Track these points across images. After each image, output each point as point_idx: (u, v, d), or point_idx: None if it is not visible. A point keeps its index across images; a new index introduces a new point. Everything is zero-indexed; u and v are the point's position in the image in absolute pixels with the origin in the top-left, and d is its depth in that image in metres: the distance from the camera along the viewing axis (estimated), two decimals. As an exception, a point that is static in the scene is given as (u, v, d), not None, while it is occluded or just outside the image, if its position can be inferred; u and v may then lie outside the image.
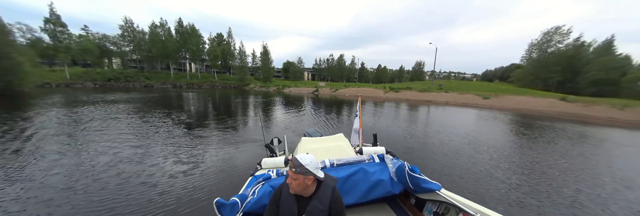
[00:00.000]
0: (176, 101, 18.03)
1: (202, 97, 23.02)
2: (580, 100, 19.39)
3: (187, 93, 26.30)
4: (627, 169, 5.37)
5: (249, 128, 8.63)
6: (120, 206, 3.12)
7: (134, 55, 44.02)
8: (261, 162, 2.47)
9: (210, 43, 49.14)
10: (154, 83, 40.48)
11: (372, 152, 2.49)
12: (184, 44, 44.17)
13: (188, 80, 44.96)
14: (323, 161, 2.08)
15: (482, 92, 24.77)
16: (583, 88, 31.82)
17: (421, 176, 1.86)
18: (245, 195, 1.69)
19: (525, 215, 3.28)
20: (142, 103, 15.33)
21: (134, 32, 40.97)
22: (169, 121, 9.36)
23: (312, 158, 1.33)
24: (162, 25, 43.88)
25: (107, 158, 5.00)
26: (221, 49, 48.57)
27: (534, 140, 8.08)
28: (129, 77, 39.10)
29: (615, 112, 16.61)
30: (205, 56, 48.83)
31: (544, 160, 5.75)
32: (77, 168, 4.39)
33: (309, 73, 76.05)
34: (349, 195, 1.92)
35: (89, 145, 5.86)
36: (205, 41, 49.40)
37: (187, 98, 20.57)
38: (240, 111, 13.47)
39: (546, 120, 13.57)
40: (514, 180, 4.44)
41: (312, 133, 4.17)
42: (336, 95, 32.88)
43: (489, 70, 79.41)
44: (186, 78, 45.76)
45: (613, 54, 33.27)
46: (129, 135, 6.99)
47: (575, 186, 4.27)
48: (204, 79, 47.02)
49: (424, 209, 1.96)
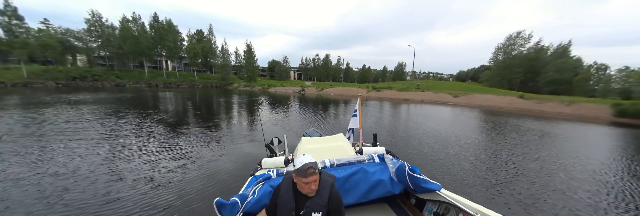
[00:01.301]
0: (152, 101, 16.60)
1: (181, 97, 21.59)
2: (535, 98, 21.78)
3: (164, 93, 24.56)
4: (543, 151, 6.71)
5: (234, 131, 8.06)
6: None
7: (102, 51, 40.73)
8: (261, 162, 2.46)
9: (189, 40, 46.97)
10: (126, 83, 37.71)
11: (372, 152, 2.48)
12: (160, 40, 41.70)
13: (165, 79, 42.46)
14: (323, 161, 2.07)
15: (454, 91, 26.86)
16: (542, 87, 35.46)
17: (421, 176, 1.85)
18: (245, 195, 1.68)
19: (500, 194, 3.86)
20: (111, 104, 13.84)
21: (103, 27, 37.85)
22: (143, 123, 8.30)
23: (313, 158, 1.36)
24: (135, 20, 41.10)
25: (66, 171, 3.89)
26: (201, 46, 46.60)
27: (488, 130, 9.77)
28: (97, 76, 36.10)
29: (563, 108, 18.95)
30: (183, 54, 46.60)
31: (492, 143, 7.42)
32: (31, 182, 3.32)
33: (296, 73, 75.54)
34: (349, 195, 1.91)
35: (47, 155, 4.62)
36: (183, 38, 47.11)
37: (164, 99, 19.14)
38: (224, 111, 12.70)
39: (504, 115, 15.39)
40: (466, 155, 6.02)
41: (311, 134, 4.13)
42: (322, 94, 33.31)
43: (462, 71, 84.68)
44: (163, 76, 43.16)
45: (568, 56, 37.45)
46: (95, 142, 5.83)
47: (504, 157, 5.94)
48: (182, 78, 44.68)
49: (424, 209, 1.96)
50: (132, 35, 38.32)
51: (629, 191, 4.24)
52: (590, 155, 6.55)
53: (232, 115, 11.84)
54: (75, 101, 14.69)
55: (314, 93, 33.96)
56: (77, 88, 27.68)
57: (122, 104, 14.03)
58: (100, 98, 17.28)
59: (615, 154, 6.77)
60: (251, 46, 49.82)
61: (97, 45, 39.13)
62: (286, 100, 21.97)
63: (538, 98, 21.72)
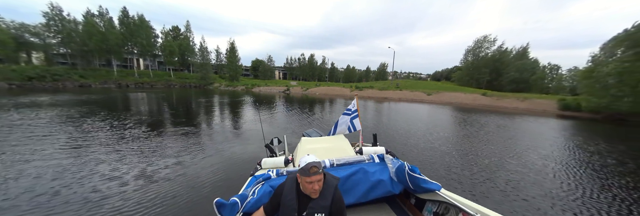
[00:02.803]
0: (122, 103, 14.91)
1: (155, 97, 19.89)
2: (495, 95, 24.21)
3: (135, 94, 22.48)
4: (494, 140, 8.02)
5: (217, 135, 7.35)
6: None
7: (62, 48, 36.99)
8: (261, 162, 2.45)
9: (164, 37, 44.37)
10: (91, 83, 34.52)
11: (372, 152, 2.49)
12: (131, 37, 38.94)
13: (137, 79, 39.49)
14: (323, 161, 2.07)
15: (428, 90, 29.11)
16: (505, 85, 39.24)
17: (421, 176, 1.86)
18: (245, 195, 1.68)
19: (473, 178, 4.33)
20: (73, 106, 12.04)
21: (63, 21, 34.37)
22: (109, 127, 7.19)
23: (316, 158, 1.36)
24: (102, 15, 37.92)
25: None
26: (178, 43, 44.16)
27: (451, 123, 11.41)
28: (58, 76, 32.66)
29: (518, 103, 21.34)
30: (158, 51, 43.93)
31: (452, 134, 8.72)
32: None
33: (280, 72, 74.39)
34: (349, 194, 1.92)
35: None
36: (157, 34, 44.35)
37: (136, 100, 17.42)
38: (204, 113, 11.82)
39: (468, 111, 17.23)
40: (430, 139, 7.57)
41: (311, 134, 4.15)
42: (307, 93, 33.59)
43: (437, 71, 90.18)
44: (134, 76, 40.06)
45: (526, 58, 41.81)
46: (53, 150, 4.54)
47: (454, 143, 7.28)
48: (157, 78, 41.76)
49: (423, 209, 1.96)
50: (98, 31, 35.20)
51: (562, 166, 5.44)
52: (533, 141, 7.92)
53: (213, 117, 11.01)
54: (28, 104, 12.69)
55: (300, 93, 34.20)
56: (33, 90, 24.77)
57: (86, 107, 12.28)
58: (58, 101, 14.99)
59: (553, 141, 8.17)
60: (234, 44, 48.29)
61: (57, 41, 35.45)
62: (271, 99, 21.75)
63: (498, 95, 24.13)
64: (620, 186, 4.34)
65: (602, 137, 9.57)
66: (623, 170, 5.28)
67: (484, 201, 3.65)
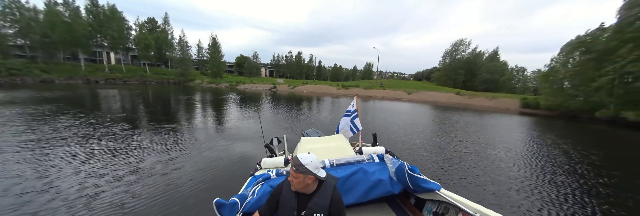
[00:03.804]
0: (90, 101, 13.31)
1: (128, 95, 18.17)
2: (467, 94, 26.54)
3: (106, 91, 20.48)
4: (462, 132, 9.33)
5: (203, 137, 6.86)
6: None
7: (20, 39, 33.11)
8: (261, 162, 2.44)
9: (138, 29, 41.41)
10: (55, 78, 31.19)
11: (372, 152, 2.48)
12: (101, 28, 35.88)
13: (108, 74, 36.14)
14: (323, 161, 2.08)
15: (409, 89, 30.96)
16: (478, 85, 42.53)
17: (421, 176, 1.86)
18: (244, 195, 1.69)
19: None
20: (32, 104, 10.27)
21: (21, 9, 30.72)
22: (78, 127, 6.27)
23: (313, 158, 1.33)
24: (67, 3, 34.39)
25: None
26: (155, 36, 41.32)
27: (425, 119, 13.10)
28: (15, 70, 29.06)
29: (486, 101, 23.74)
30: (131, 45, 40.96)
31: (426, 127, 10.12)
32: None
33: (267, 70, 72.63)
34: (349, 194, 1.92)
35: None
36: (131, 26, 41.24)
37: (106, 97, 15.73)
38: (186, 112, 10.87)
39: (442, 108, 19.05)
40: (409, 131, 8.87)
41: (311, 134, 4.18)
42: (294, 91, 33.61)
43: (419, 72, 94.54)
44: (105, 71, 36.69)
45: (497, 60, 45.78)
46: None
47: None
48: (131, 73, 38.44)
49: (423, 209, 1.97)
50: (62, 21, 31.92)
51: (519, 155, 6.45)
52: (495, 135, 9.24)
53: (196, 116, 10.20)
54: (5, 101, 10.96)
55: (287, 91, 34.03)
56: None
57: (49, 105, 10.54)
58: (17, 98, 13.02)
59: (513, 135, 9.48)
60: (217, 39, 45.92)
61: (14, 31, 31.61)
62: (257, 97, 21.51)
63: (469, 94, 26.52)
64: (567, 171, 5.27)
65: (555, 131, 11.18)
66: (570, 159, 6.31)
67: (452, 183, 4.33)
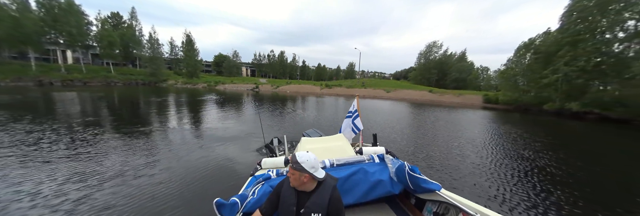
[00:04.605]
0: (45, 106, 11.40)
1: (90, 98, 15.93)
2: (438, 92, 29.13)
3: (63, 94, 17.94)
4: (432, 125, 10.71)
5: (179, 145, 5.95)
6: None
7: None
8: (261, 162, 2.44)
9: (100, 25, 37.42)
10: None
11: (372, 152, 2.49)
12: (55, 23, 31.74)
13: (64, 75, 31.92)
14: (323, 161, 2.07)
15: (388, 88, 32.98)
16: (449, 84, 46.44)
17: (421, 176, 1.86)
18: (245, 195, 1.69)
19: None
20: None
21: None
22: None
23: (311, 157, 1.33)
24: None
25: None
26: (120, 33, 37.69)
27: (400, 112, 14.72)
28: (-58, 70, 24.70)
29: (454, 98, 26.44)
30: (92, 42, 36.89)
31: (398, 120, 11.54)
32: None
33: (248, 69, 70.09)
34: (349, 195, 1.92)
35: None
36: (91, 21, 37.13)
37: (62, 102, 13.53)
38: (158, 115, 9.59)
39: (417, 105, 20.64)
40: (392, 124, 10.15)
41: (311, 134, 4.18)
42: (278, 91, 33.33)
43: (398, 71, 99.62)
44: (61, 72, 32.48)
45: (465, 61, 50.28)
46: None
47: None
48: (92, 74, 34.27)
49: (423, 209, 1.97)
50: (9, 14, 27.59)
51: (480, 143, 7.49)
52: (461, 126, 10.61)
53: (171, 121, 8.89)
54: None
55: (270, 91, 33.51)
56: None
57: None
58: None
59: (475, 126, 11.00)
60: (192, 36, 42.98)
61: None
62: (238, 98, 21.06)
63: (440, 92, 29.17)
64: (516, 155, 6.18)
65: (510, 123, 12.88)
66: (519, 145, 7.50)
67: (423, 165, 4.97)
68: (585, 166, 5.56)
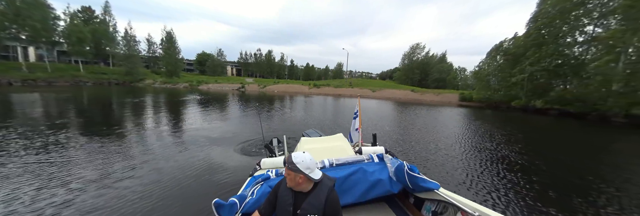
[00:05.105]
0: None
1: (54, 100, 14.40)
2: (420, 91, 30.74)
3: (21, 96, 16.03)
4: (412, 120, 11.91)
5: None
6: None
7: None
8: (260, 162, 2.43)
9: (69, 19, 34.53)
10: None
11: (371, 152, 2.49)
12: (17, 17, 28.70)
13: (26, 75, 28.72)
14: (322, 161, 2.07)
15: (373, 87, 34.11)
16: (430, 83, 48.74)
17: (420, 175, 1.87)
18: (244, 196, 1.69)
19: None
20: None
21: None
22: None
23: (306, 158, 1.30)
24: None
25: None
26: (92, 29, 35.07)
27: (383, 110, 15.63)
28: None
29: (434, 97, 28.01)
30: (59, 38, 33.89)
31: (381, 117, 12.27)
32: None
33: (233, 68, 67.96)
34: (348, 194, 1.92)
35: None
36: (58, 16, 34.09)
37: (21, 103, 12.17)
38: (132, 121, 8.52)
39: (399, 103, 22.19)
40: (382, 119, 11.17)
41: (311, 134, 4.19)
42: (265, 91, 32.81)
43: (384, 71, 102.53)
44: (22, 70, 29.33)
45: (445, 62, 53.12)
46: None
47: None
48: (58, 73, 31.22)
49: (422, 208, 1.98)
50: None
51: (456, 136, 8.31)
52: (437, 121, 11.78)
53: (144, 125, 7.92)
54: None
55: (257, 91, 32.73)
56: None
57: None
58: None
59: (450, 121, 12.03)
60: (172, 33, 40.22)
61: None
62: (223, 98, 20.32)
63: (422, 91, 30.90)
64: (485, 147, 6.80)
65: (481, 118, 14.09)
66: (486, 137, 8.29)
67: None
68: (543, 154, 6.30)
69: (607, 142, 9.06)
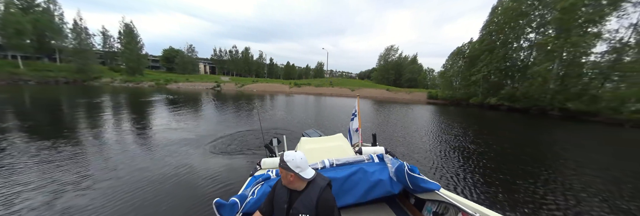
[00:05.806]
0: None
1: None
2: (394, 90, 33.14)
3: None
4: (385, 116, 12.91)
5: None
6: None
7: None
8: (260, 162, 2.43)
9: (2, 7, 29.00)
10: None
11: (372, 152, 2.49)
12: None
13: None
14: (322, 161, 2.08)
15: (352, 87, 35.66)
16: (403, 83, 52.39)
17: (420, 176, 1.87)
18: (244, 195, 1.69)
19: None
20: None
21: None
22: None
23: (297, 157, 1.30)
24: None
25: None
26: (32, 19, 30.12)
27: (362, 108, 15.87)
28: None
29: (406, 95, 30.62)
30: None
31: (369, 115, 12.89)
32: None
33: (207, 66, 63.67)
34: (349, 195, 1.91)
35: None
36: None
37: None
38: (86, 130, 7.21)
39: (376, 102, 23.53)
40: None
41: (311, 134, 4.19)
42: (243, 90, 31.74)
43: (362, 71, 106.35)
44: None
45: (416, 63, 57.35)
46: None
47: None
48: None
49: (423, 209, 1.97)
50: None
51: (423, 130, 9.34)
52: (408, 117, 13.18)
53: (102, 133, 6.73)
54: None
55: (234, 90, 31.58)
56: None
57: None
58: None
59: (419, 117, 13.48)
60: (132, 25, 36.28)
61: None
62: (196, 98, 19.03)
63: (395, 90, 33.49)
64: (448, 139, 7.85)
65: (446, 114, 15.84)
66: (445, 130, 9.60)
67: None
68: (491, 144, 7.47)
69: (546, 132, 10.39)
